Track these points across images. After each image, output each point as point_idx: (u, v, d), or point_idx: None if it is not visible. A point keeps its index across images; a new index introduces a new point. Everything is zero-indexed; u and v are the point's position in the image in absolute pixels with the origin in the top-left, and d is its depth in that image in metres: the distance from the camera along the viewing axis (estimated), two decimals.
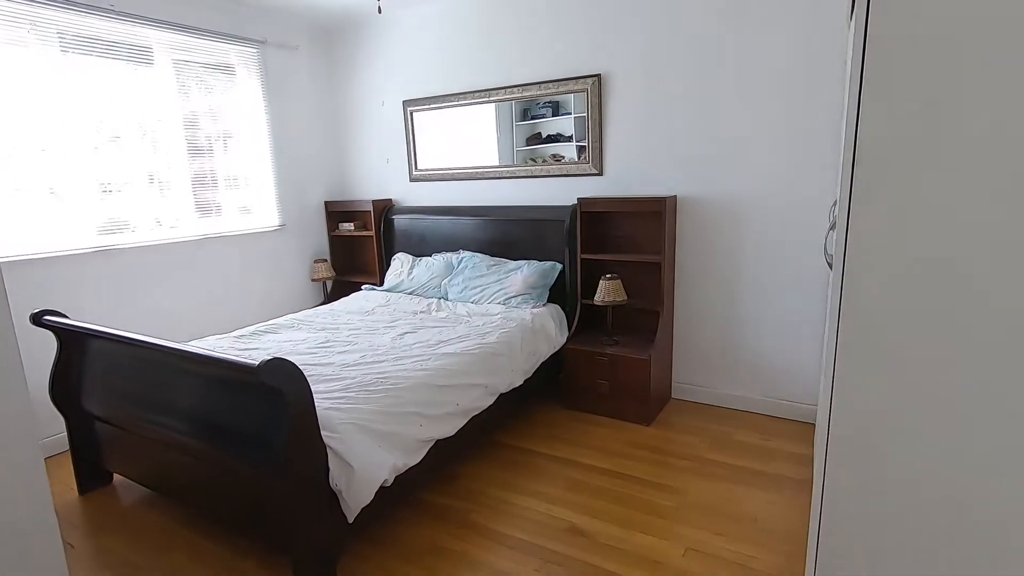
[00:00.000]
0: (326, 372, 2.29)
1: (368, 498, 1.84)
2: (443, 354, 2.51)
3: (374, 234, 4.04)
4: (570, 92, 3.24)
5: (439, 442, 2.23)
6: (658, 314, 3.06)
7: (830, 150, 2.60)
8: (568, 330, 3.23)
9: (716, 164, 2.90)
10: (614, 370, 2.95)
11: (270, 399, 1.68)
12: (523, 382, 2.80)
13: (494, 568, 1.93)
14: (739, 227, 2.91)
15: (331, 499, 1.79)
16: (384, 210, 4.06)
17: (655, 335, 3.00)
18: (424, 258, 3.77)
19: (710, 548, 1.98)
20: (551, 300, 3.27)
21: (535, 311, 3.09)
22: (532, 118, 3.44)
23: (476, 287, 3.37)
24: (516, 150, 3.53)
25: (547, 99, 3.34)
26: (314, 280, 4.11)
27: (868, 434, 1.16)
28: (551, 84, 3.27)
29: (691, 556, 1.94)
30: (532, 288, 3.21)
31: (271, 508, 1.81)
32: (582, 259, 3.17)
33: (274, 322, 3.13)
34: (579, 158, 3.31)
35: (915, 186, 1.03)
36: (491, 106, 3.54)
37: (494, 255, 3.54)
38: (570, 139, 3.33)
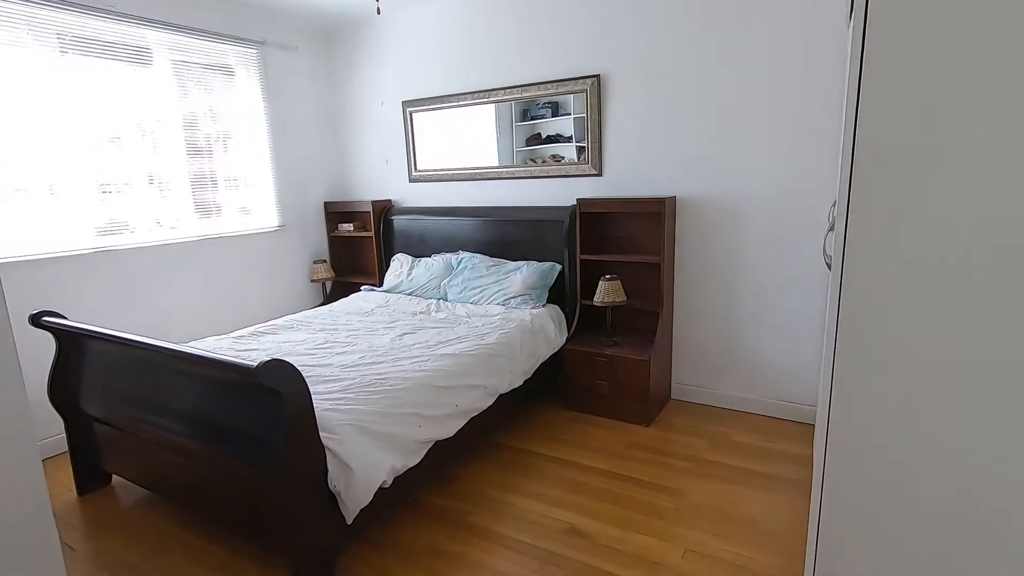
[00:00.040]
0: (325, 373, 2.29)
1: (367, 499, 1.83)
2: (442, 355, 2.51)
3: (373, 235, 4.04)
4: (569, 93, 3.24)
5: (438, 443, 2.23)
6: (657, 315, 3.06)
7: (830, 151, 2.59)
8: (567, 331, 3.22)
9: (715, 164, 2.90)
10: (613, 371, 2.94)
11: (268, 400, 1.68)
12: (522, 383, 2.80)
13: (493, 569, 1.92)
14: (739, 228, 2.91)
15: (330, 500, 1.79)
16: (383, 211, 4.06)
17: (655, 336, 3.00)
18: (423, 259, 3.77)
19: (709, 549, 1.98)
20: (550, 301, 3.27)
21: (534, 312, 3.08)
22: (532, 119, 3.43)
23: (475, 288, 3.37)
24: (516, 151, 3.53)
25: (547, 100, 3.34)
26: (313, 281, 4.11)
27: (867, 434, 1.16)
28: (550, 85, 3.27)
29: (690, 557, 1.94)
30: (531, 289, 3.21)
31: (270, 509, 1.81)
32: (581, 260, 3.17)
33: (273, 323, 3.13)
34: (579, 159, 3.31)
35: (913, 187, 1.03)
36: (491, 107, 3.54)
37: (493, 256, 3.54)
38: (570, 140, 3.33)
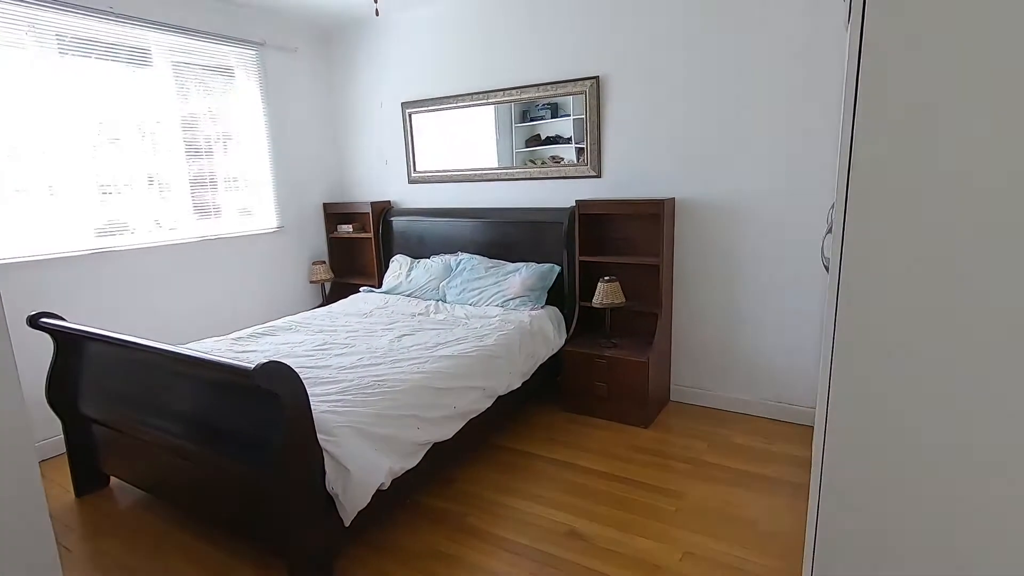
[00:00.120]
0: (323, 375, 2.29)
1: (364, 502, 1.83)
2: (441, 356, 2.50)
3: (372, 236, 4.04)
4: (569, 94, 3.24)
5: (436, 445, 2.23)
6: (656, 316, 3.05)
7: (828, 153, 2.59)
8: (566, 332, 3.22)
9: (714, 166, 2.90)
10: (612, 372, 2.94)
11: (266, 402, 1.68)
12: (521, 385, 2.80)
13: (491, 572, 1.92)
14: (737, 229, 2.90)
15: (327, 503, 1.79)
16: (383, 212, 4.06)
17: (654, 337, 3.00)
18: (422, 260, 3.77)
19: (708, 552, 1.97)
20: (549, 302, 3.27)
21: (533, 313, 3.08)
22: (531, 120, 3.43)
23: (474, 289, 3.37)
24: (515, 152, 3.53)
25: (546, 101, 3.34)
26: (312, 282, 4.10)
27: (865, 436, 1.15)
28: (549, 86, 3.27)
29: (689, 560, 1.93)
30: (530, 290, 3.21)
31: (267, 511, 1.80)
32: (580, 261, 3.17)
33: (272, 324, 3.12)
34: (578, 160, 3.31)
35: (911, 189, 1.03)
36: (490, 108, 3.54)
37: (492, 257, 3.54)
38: (569, 141, 3.33)
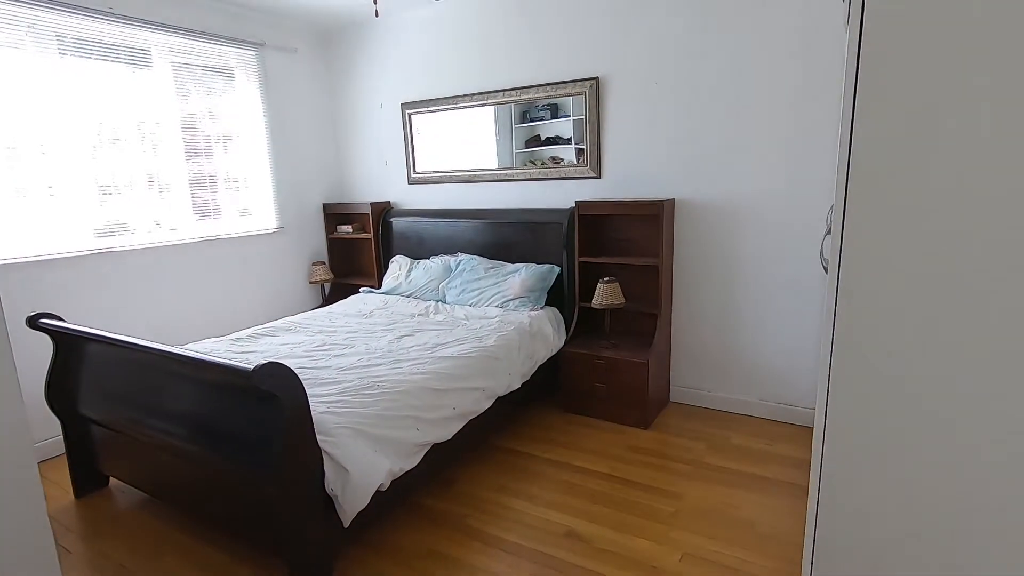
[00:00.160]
0: (323, 376, 2.29)
1: (364, 503, 1.83)
2: (440, 357, 2.50)
3: (372, 236, 4.04)
4: (568, 95, 3.24)
5: (436, 446, 2.23)
6: (656, 317, 3.05)
7: (828, 154, 2.59)
8: (566, 333, 3.22)
9: (714, 167, 2.90)
10: (612, 373, 2.94)
11: (265, 403, 1.68)
12: (521, 385, 2.80)
13: (491, 573, 1.92)
14: (737, 230, 2.90)
15: (327, 504, 1.79)
16: (382, 212, 4.06)
17: (653, 338, 3.00)
18: (422, 261, 3.77)
19: (707, 553, 1.97)
20: (549, 303, 3.27)
21: (533, 314, 3.08)
22: (531, 120, 3.44)
23: (474, 290, 3.37)
24: (515, 152, 3.53)
25: (546, 102, 3.34)
26: (312, 283, 4.10)
27: (864, 437, 1.15)
28: (549, 87, 3.27)
29: (688, 561, 1.93)
30: (530, 291, 3.21)
31: (266, 512, 1.80)
32: (580, 262, 3.17)
33: (271, 325, 3.12)
34: (578, 161, 3.31)
35: (910, 191, 1.03)
36: (490, 108, 3.54)
37: (492, 258, 3.54)
38: (569, 141, 3.33)
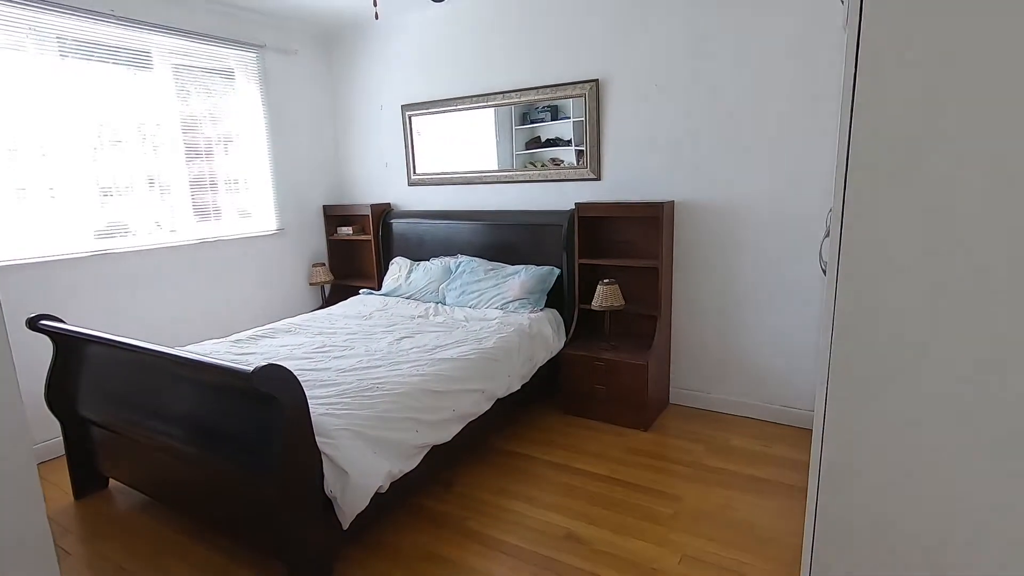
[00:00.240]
0: (322, 377, 2.29)
1: (363, 504, 1.83)
2: (440, 359, 2.50)
3: (372, 238, 4.04)
4: (568, 97, 3.24)
5: (435, 447, 2.23)
6: (656, 319, 3.05)
7: (828, 156, 2.59)
8: (566, 335, 3.22)
9: (714, 169, 2.90)
10: (611, 375, 2.94)
11: (265, 405, 1.68)
12: (520, 387, 2.80)
13: (490, 575, 1.92)
14: (737, 232, 2.91)
15: (326, 505, 1.79)
16: (382, 214, 4.06)
17: (653, 340, 3.00)
18: (422, 262, 3.77)
19: (707, 555, 1.97)
20: (549, 305, 3.27)
21: (533, 316, 3.08)
22: (531, 122, 3.44)
23: (474, 292, 3.37)
24: (515, 154, 3.53)
25: (546, 103, 3.35)
26: (312, 284, 4.11)
27: (864, 439, 1.15)
28: (549, 89, 3.28)
29: (687, 563, 1.93)
30: (530, 293, 3.21)
31: (266, 514, 1.80)
32: (580, 264, 3.17)
33: (271, 327, 3.12)
34: (578, 163, 3.31)
35: (908, 194, 1.03)
36: (490, 110, 3.54)
37: (492, 260, 3.54)
38: (569, 143, 3.33)
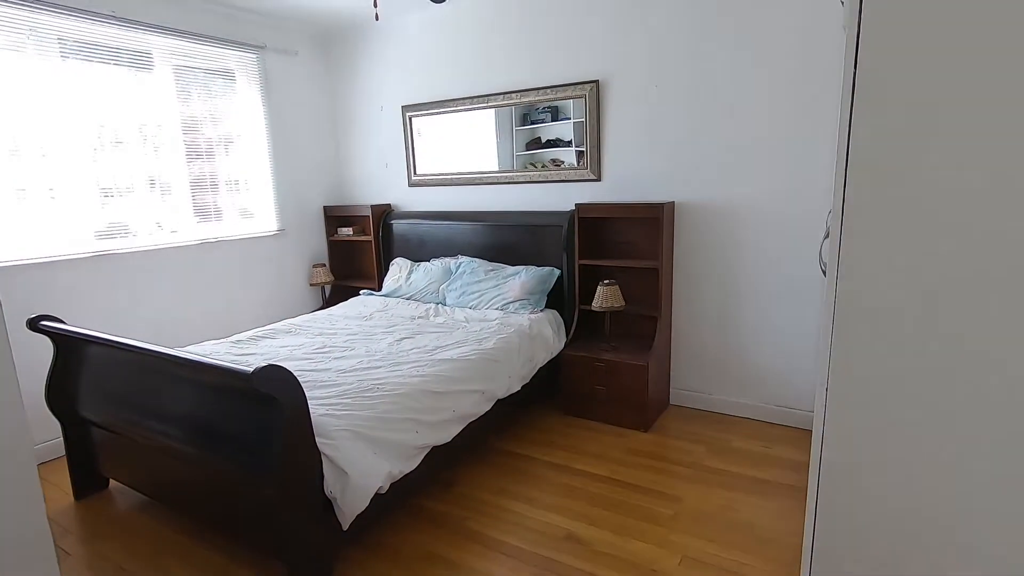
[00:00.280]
0: (322, 378, 2.29)
1: (363, 505, 1.83)
2: (440, 360, 2.51)
3: (373, 239, 4.04)
4: (568, 98, 3.24)
5: (435, 448, 2.23)
6: (656, 320, 3.05)
7: (828, 157, 2.59)
8: (566, 336, 3.22)
9: (714, 170, 2.90)
10: (612, 376, 2.94)
11: (265, 406, 1.68)
12: (520, 388, 2.80)
13: (490, 575, 1.92)
14: (737, 233, 2.91)
15: (326, 506, 1.79)
16: (383, 215, 4.07)
17: (653, 341, 3.00)
18: (422, 263, 3.77)
19: (707, 556, 1.97)
20: (549, 306, 3.27)
21: (533, 317, 3.08)
22: (532, 123, 3.44)
23: (474, 292, 3.37)
24: (515, 155, 3.54)
25: (546, 104, 3.35)
26: (312, 285, 4.11)
27: (863, 440, 1.15)
28: (549, 90, 3.28)
29: (687, 564, 1.93)
30: (530, 294, 3.21)
31: (266, 515, 1.80)
32: (580, 265, 3.17)
33: (272, 327, 3.13)
34: (578, 163, 3.31)
35: (908, 194, 1.03)
36: (490, 111, 3.54)
37: (492, 260, 3.54)
38: (569, 144, 3.33)
